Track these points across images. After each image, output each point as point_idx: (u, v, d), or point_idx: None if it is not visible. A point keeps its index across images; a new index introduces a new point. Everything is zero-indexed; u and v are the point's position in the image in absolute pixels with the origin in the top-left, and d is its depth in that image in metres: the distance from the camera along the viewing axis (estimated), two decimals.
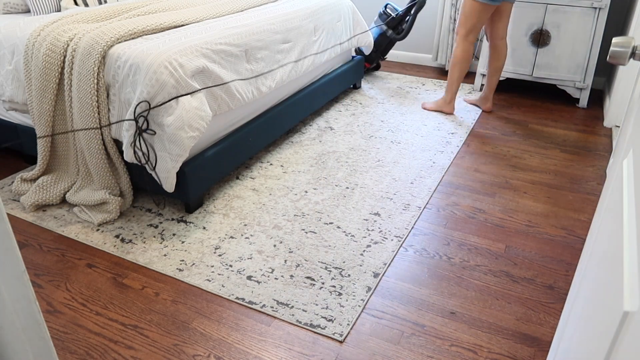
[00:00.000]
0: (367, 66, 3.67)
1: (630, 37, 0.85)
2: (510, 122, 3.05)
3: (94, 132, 2.01)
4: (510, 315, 1.61)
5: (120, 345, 1.51)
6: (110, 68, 1.95)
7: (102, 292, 1.71)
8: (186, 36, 2.08)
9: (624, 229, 0.63)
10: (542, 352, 1.48)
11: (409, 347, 1.49)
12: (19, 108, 2.29)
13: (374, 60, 3.68)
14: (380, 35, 3.57)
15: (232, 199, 2.23)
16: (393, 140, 2.78)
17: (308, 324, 1.57)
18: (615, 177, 0.88)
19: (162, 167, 1.95)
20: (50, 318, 1.61)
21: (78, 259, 1.87)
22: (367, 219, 2.09)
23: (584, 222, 2.09)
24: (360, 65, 3.45)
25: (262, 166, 2.51)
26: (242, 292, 1.70)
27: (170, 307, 1.65)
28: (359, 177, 2.41)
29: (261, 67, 2.35)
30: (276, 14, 2.53)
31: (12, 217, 2.11)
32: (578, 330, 0.80)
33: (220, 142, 2.21)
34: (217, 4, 2.59)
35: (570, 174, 2.46)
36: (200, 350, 1.48)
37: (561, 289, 1.72)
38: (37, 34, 2.09)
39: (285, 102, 2.66)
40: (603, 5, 2.97)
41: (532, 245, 1.95)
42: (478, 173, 2.47)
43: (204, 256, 1.87)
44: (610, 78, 3.29)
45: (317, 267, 1.81)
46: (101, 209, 2.08)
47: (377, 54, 3.65)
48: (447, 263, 1.85)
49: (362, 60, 3.47)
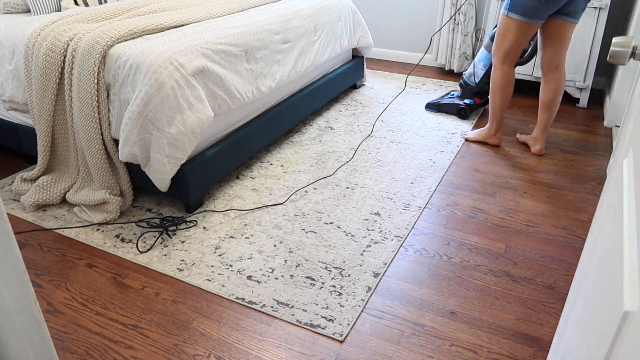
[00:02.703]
0: (477, 102, 3.07)
1: (630, 37, 0.85)
2: (510, 122, 3.05)
3: (94, 132, 2.01)
4: (511, 315, 1.61)
5: (121, 345, 1.51)
6: (110, 68, 1.95)
7: (102, 292, 1.71)
8: (186, 36, 2.08)
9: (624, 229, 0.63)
10: (542, 352, 1.48)
11: (409, 347, 1.49)
12: (19, 108, 2.29)
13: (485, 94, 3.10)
14: None
15: (232, 199, 2.23)
16: (393, 140, 2.78)
17: (308, 323, 1.57)
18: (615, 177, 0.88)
19: (159, 170, 1.95)
20: (50, 318, 1.61)
21: (78, 259, 1.87)
22: (367, 219, 2.09)
23: (584, 222, 2.09)
24: (360, 65, 3.45)
25: (262, 166, 2.51)
26: (242, 292, 1.70)
27: (171, 307, 1.65)
28: (359, 177, 2.41)
29: (261, 67, 2.35)
30: (276, 14, 2.53)
31: (12, 217, 2.12)
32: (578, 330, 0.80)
33: (220, 142, 2.21)
34: (217, 4, 2.59)
35: (570, 174, 2.46)
36: (201, 350, 1.48)
37: (561, 289, 1.72)
38: (37, 33, 2.09)
39: (286, 102, 2.66)
40: (603, 5, 2.97)
41: (532, 245, 1.95)
42: (478, 173, 2.47)
43: (204, 256, 1.87)
44: (611, 78, 3.29)
45: (317, 267, 1.81)
46: (101, 209, 2.08)
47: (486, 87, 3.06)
48: (447, 263, 1.85)
49: (361, 61, 3.46)
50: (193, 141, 1.94)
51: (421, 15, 4.02)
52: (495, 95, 2.57)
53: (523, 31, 2.33)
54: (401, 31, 4.16)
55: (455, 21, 3.75)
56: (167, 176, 1.96)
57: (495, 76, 2.53)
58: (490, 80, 2.57)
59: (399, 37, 4.19)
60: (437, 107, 3.14)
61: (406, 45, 4.20)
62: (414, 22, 4.07)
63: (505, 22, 2.37)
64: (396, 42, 4.22)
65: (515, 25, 2.32)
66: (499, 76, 2.52)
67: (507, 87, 2.52)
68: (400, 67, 4.09)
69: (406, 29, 4.13)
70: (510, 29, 2.36)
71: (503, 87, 2.52)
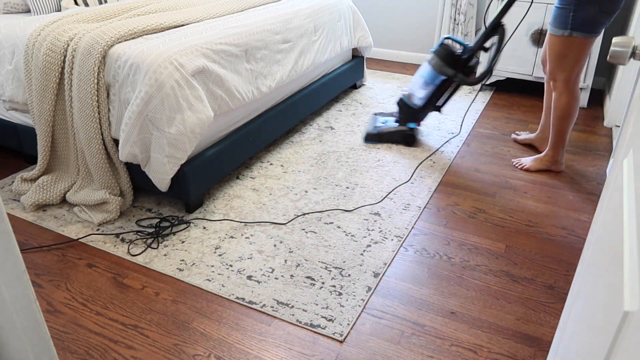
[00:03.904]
0: (418, 124, 2.73)
1: (630, 37, 0.85)
2: (510, 122, 3.05)
3: (94, 132, 2.01)
4: (511, 315, 1.61)
5: (121, 345, 1.51)
6: (110, 68, 1.95)
7: (102, 292, 1.71)
8: (186, 36, 2.08)
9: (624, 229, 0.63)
10: (542, 352, 1.48)
11: (409, 347, 1.49)
12: (19, 108, 2.29)
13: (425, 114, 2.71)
14: (442, 84, 2.59)
15: (232, 199, 2.23)
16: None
17: (308, 323, 1.57)
18: (615, 177, 0.88)
19: (159, 170, 1.95)
20: (50, 318, 1.61)
21: (78, 259, 1.87)
22: (367, 219, 2.09)
23: (584, 222, 2.09)
24: (360, 65, 3.44)
25: (262, 166, 2.51)
26: (242, 292, 1.70)
27: (171, 307, 1.65)
28: (359, 177, 2.41)
29: (261, 67, 2.35)
30: (276, 14, 2.53)
31: (12, 217, 2.11)
32: (578, 330, 0.80)
33: (220, 142, 2.21)
34: (217, 4, 2.59)
35: (571, 174, 2.46)
36: (201, 350, 1.48)
37: (561, 289, 1.72)
38: (37, 33, 2.09)
39: (286, 102, 2.66)
40: None
41: (533, 245, 1.95)
42: (478, 173, 2.47)
43: (204, 256, 1.87)
44: (611, 78, 3.29)
45: (317, 267, 1.81)
46: (101, 209, 2.08)
47: (430, 108, 2.69)
48: (447, 263, 1.85)
49: (361, 61, 3.46)
50: (193, 141, 1.94)
51: (421, 15, 4.02)
52: (564, 122, 2.34)
53: (587, 48, 2.17)
54: (401, 31, 4.15)
55: (455, 21, 3.75)
56: (167, 176, 1.96)
57: (563, 102, 2.29)
58: (555, 106, 2.32)
59: (399, 37, 4.19)
60: (378, 138, 2.73)
61: (406, 45, 4.20)
62: (414, 22, 4.07)
63: (566, 43, 2.15)
64: (396, 42, 4.22)
65: (579, 43, 2.14)
66: (567, 101, 2.29)
67: (575, 112, 2.33)
68: (400, 67, 4.09)
69: (406, 29, 4.13)
70: (573, 49, 2.16)
71: (573, 113, 2.32)
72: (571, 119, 2.34)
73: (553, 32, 2.18)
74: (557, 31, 2.15)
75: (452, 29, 3.79)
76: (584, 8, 2.05)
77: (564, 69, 2.23)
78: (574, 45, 2.15)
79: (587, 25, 2.09)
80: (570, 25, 2.11)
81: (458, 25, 3.74)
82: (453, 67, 2.52)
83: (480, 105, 3.30)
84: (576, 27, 2.10)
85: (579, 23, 2.08)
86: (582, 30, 2.10)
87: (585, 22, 2.08)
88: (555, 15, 2.14)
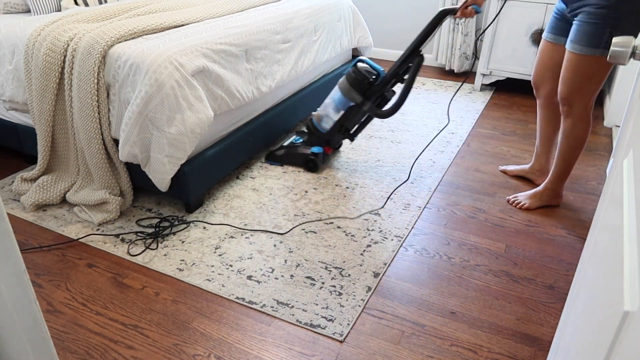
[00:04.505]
0: (327, 152, 2.47)
1: (630, 37, 0.85)
2: (510, 122, 3.05)
3: (94, 132, 2.01)
4: (511, 315, 1.61)
5: (121, 345, 1.51)
6: (110, 68, 1.95)
7: (102, 292, 1.71)
8: (186, 36, 2.08)
9: (624, 229, 0.63)
10: (543, 352, 1.48)
11: (409, 347, 1.49)
12: (19, 108, 2.29)
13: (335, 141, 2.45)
14: (349, 110, 2.32)
15: (232, 199, 2.23)
16: (393, 140, 2.78)
17: (308, 323, 1.57)
18: (615, 177, 0.88)
19: (159, 170, 1.95)
20: (50, 318, 1.61)
21: (78, 259, 1.87)
22: (367, 219, 2.09)
23: (584, 222, 2.09)
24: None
25: (262, 166, 2.51)
26: (242, 292, 1.70)
27: (171, 307, 1.65)
28: (359, 177, 2.41)
29: (261, 67, 2.35)
30: (276, 14, 2.53)
31: (12, 217, 2.11)
32: (578, 330, 0.80)
33: (220, 142, 2.21)
34: (217, 4, 2.59)
35: (571, 174, 2.46)
36: (201, 350, 1.48)
37: (561, 289, 1.72)
38: (37, 33, 2.09)
39: (286, 102, 2.66)
40: None
41: (532, 245, 1.95)
42: (478, 173, 2.47)
43: (204, 256, 1.87)
44: (611, 78, 3.28)
45: (317, 267, 1.81)
46: (101, 209, 2.08)
47: (341, 136, 2.44)
48: (447, 263, 1.85)
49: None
50: (193, 141, 1.94)
51: (421, 15, 4.02)
52: (576, 151, 2.04)
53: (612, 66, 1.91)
54: (401, 31, 4.16)
55: (456, 21, 3.75)
56: (167, 176, 1.96)
57: (579, 130, 1.98)
58: (569, 135, 2.00)
59: (399, 37, 4.19)
60: (279, 159, 2.49)
61: (406, 45, 4.20)
62: (414, 22, 4.07)
63: (596, 64, 1.80)
64: (396, 42, 4.22)
65: (605, 63, 1.80)
66: (584, 129, 1.98)
67: (586, 141, 2.07)
68: None
69: (406, 29, 4.13)
70: (602, 70, 1.83)
71: (586, 140, 2.03)
72: (583, 148, 2.06)
73: (581, 52, 1.80)
74: (588, 50, 1.78)
75: (452, 29, 3.79)
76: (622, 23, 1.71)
77: (585, 93, 1.90)
78: (603, 65, 1.80)
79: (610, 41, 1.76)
80: (605, 42, 1.75)
81: (458, 25, 3.74)
82: (362, 94, 2.23)
83: (480, 105, 3.30)
84: (607, 45, 1.75)
85: (609, 39, 1.75)
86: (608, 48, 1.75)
87: (610, 38, 1.75)
88: (584, 32, 1.77)
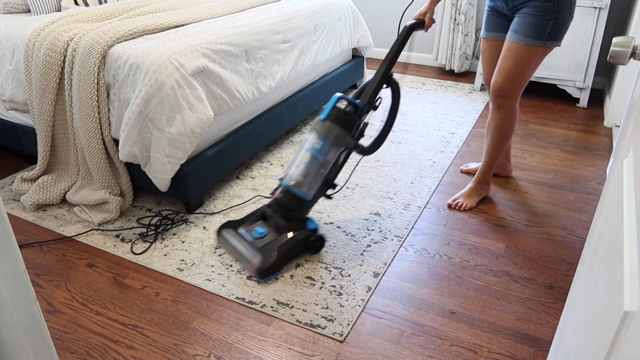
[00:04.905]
0: None
1: (630, 36, 0.85)
2: None
3: (94, 131, 2.01)
4: (511, 315, 1.61)
5: (121, 345, 1.51)
6: (110, 68, 1.95)
7: (102, 292, 1.71)
8: (186, 36, 2.08)
9: (624, 229, 0.63)
10: (543, 352, 1.48)
11: (409, 347, 1.49)
12: (19, 108, 2.29)
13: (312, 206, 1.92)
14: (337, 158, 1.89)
15: (232, 199, 2.23)
16: (393, 140, 2.78)
17: (308, 323, 1.57)
18: (615, 177, 0.88)
19: (159, 170, 1.95)
20: (50, 318, 1.61)
21: (78, 259, 1.87)
22: (367, 219, 2.09)
23: (584, 222, 2.09)
24: (360, 65, 3.45)
25: (262, 166, 2.51)
26: (242, 291, 1.70)
27: (171, 307, 1.65)
28: (359, 177, 2.41)
29: (261, 67, 2.35)
30: (276, 14, 2.53)
31: (13, 217, 2.11)
32: (578, 330, 0.80)
33: (220, 142, 2.21)
34: (217, 4, 2.59)
35: (571, 174, 2.46)
36: (201, 350, 1.48)
37: (561, 289, 1.72)
38: (38, 33, 2.09)
39: (286, 102, 2.66)
40: (603, 5, 2.97)
41: (532, 245, 1.95)
42: None
43: (204, 256, 1.87)
44: (611, 78, 3.29)
45: (317, 267, 1.81)
46: (101, 209, 2.08)
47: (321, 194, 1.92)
48: (447, 263, 1.85)
49: (361, 61, 3.47)
50: (193, 141, 1.94)
51: None
52: (505, 142, 2.10)
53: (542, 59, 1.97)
54: None
55: (456, 21, 3.75)
56: (167, 176, 1.96)
57: (510, 121, 2.04)
58: (500, 126, 2.05)
59: None
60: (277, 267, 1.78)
61: (406, 45, 4.19)
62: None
63: (534, 54, 1.89)
64: None
65: (543, 54, 1.91)
66: (513, 119, 2.05)
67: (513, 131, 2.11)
68: (400, 67, 4.09)
69: None
70: (536, 60, 1.92)
71: (512, 133, 2.10)
72: (509, 141, 2.13)
73: (525, 43, 1.88)
74: (532, 42, 1.87)
75: (452, 29, 3.79)
76: (563, 14, 1.84)
77: (519, 84, 1.96)
78: (539, 56, 1.91)
79: (562, 33, 1.89)
80: (547, 34, 1.86)
81: (458, 25, 3.74)
82: (352, 135, 1.89)
83: (480, 105, 3.30)
84: (553, 36, 1.87)
85: (556, 31, 1.86)
86: (557, 39, 1.88)
87: (561, 30, 1.87)
88: (529, 24, 1.86)
